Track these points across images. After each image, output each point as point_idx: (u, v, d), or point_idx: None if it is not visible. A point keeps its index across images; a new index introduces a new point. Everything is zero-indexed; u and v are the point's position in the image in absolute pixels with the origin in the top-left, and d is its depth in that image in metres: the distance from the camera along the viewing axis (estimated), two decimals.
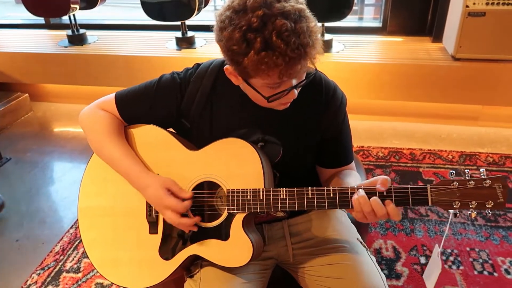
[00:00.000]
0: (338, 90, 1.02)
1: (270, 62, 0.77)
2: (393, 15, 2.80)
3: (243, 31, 0.77)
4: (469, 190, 0.83)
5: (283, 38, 0.76)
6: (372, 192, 0.85)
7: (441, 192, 0.83)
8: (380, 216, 0.83)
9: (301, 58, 0.78)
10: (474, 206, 0.83)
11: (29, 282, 1.63)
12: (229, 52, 0.81)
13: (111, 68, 2.80)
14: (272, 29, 0.76)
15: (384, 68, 2.47)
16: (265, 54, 0.76)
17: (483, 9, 2.21)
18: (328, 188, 0.87)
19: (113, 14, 4.92)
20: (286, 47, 0.76)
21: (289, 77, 0.82)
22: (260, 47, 0.76)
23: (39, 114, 3.02)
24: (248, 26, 0.77)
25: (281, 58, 0.76)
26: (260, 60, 0.77)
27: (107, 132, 1.01)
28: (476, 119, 2.57)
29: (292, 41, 0.76)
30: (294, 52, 0.77)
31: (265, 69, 0.78)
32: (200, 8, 2.64)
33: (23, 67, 2.95)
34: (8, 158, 2.46)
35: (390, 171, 2.18)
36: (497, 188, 0.81)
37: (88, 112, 1.05)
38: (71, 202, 2.09)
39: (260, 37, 0.76)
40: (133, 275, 0.99)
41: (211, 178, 0.96)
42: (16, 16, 4.20)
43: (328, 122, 1.00)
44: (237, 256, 0.91)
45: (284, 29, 0.76)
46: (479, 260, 1.62)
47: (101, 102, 1.05)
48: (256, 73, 0.81)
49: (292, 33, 0.76)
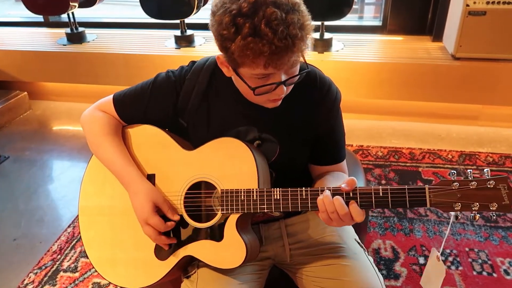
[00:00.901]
0: (333, 86, 1.00)
1: (255, 49, 0.76)
2: (393, 14, 2.78)
3: (233, 15, 0.77)
4: (471, 191, 0.78)
5: (271, 26, 0.75)
6: (339, 193, 0.84)
7: (441, 193, 0.79)
8: (342, 215, 0.82)
9: (288, 49, 0.77)
10: (476, 208, 0.78)
11: (26, 281, 1.63)
12: (219, 37, 0.80)
13: (110, 66, 2.79)
14: (262, 16, 0.75)
15: (384, 67, 2.46)
16: (251, 39, 0.76)
17: (484, 8, 2.20)
18: (322, 188, 0.86)
19: (112, 13, 4.91)
20: (274, 36, 0.75)
21: (275, 67, 0.80)
22: (248, 32, 0.76)
23: (38, 112, 3.02)
24: (238, 10, 0.76)
25: (267, 46, 0.76)
26: (246, 45, 0.76)
27: (104, 133, 1.01)
28: (476, 118, 2.56)
29: (280, 30, 0.75)
30: (281, 42, 0.76)
31: (250, 55, 0.77)
32: (200, 6, 2.63)
33: (22, 65, 2.94)
34: (6, 156, 2.46)
35: (389, 170, 2.17)
36: (502, 189, 0.76)
37: (87, 114, 1.06)
38: (69, 201, 2.08)
39: (249, 22, 0.76)
40: (129, 275, 0.99)
41: (206, 178, 0.95)
42: (15, 14, 4.19)
43: (322, 117, 0.98)
44: (231, 258, 0.91)
45: (274, 17, 0.75)
46: (478, 260, 1.61)
47: (100, 103, 1.06)
48: (242, 60, 0.80)
49: (281, 22, 0.76)
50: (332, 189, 0.85)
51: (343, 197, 0.83)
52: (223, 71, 0.92)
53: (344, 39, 2.78)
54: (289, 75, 0.85)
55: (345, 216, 0.82)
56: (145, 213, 0.93)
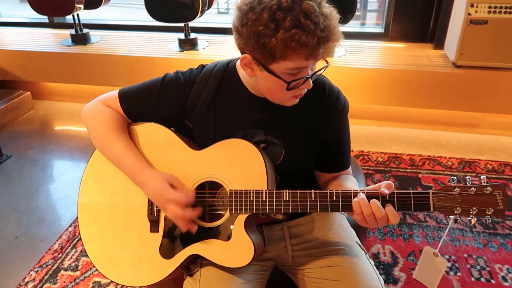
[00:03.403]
0: (341, 96, 1.03)
1: (301, 40, 0.79)
2: (395, 21, 2.81)
3: (273, 10, 0.79)
4: (470, 196, 0.83)
5: (311, 19, 0.79)
6: (375, 196, 0.86)
7: (443, 198, 0.84)
8: (378, 218, 0.84)
9: (328, 39, 0.81)
10: (474, 212, 0.83)
11: (27, 279, 1.63)
12: (255, 35, 0.82)
13: (113, 68, 2.81)
14: (300, 10, 0.79)
15: (386, 73, 2.48)
16: (295, 31, 0.79)
17: (485, 17, 2.23)
18: (331, 191, 0.88)
19: (117, 15, 4.94)
20: (315, 27, 0.79)
21: (315, 58, 0.84)
22: (290, 25, 0.79)
23: (40, 113, 3.03)
24: (278, 6, 0.79)
25: (310, 37, 0.79)
26: (291, 37, 0.79)
27: (111, 128, 1.01)
28: (476, 126, 2.57)
29: (321, 22, 0.80)
30: (323, 32, 0.80)
31: (295, 47, 0.80)
32: (204, 10, 2.66)
33: (26, 65, 2.96)
34: (9, 155, 2.47)
35: (389, 176, 2.18)
36: (498, 196, 0.82)
37: (91, 108, 1.05)
38: (70, 201, 2.09)
39: (290, 16, 0.79)
40: (132, 273, 0.99)
41: (214, 178, 0.96)
42: (20, 14, 4.21)
43: (329, 126, 1.00)
44: (239, 257, 0.92)
45: (312, 10, 0.79)
46: (477, 267, 1.62)
47: (105, 98, 1.05)
48: (283, 53, 0.82)
49: (319, 15, 0.80)
50: (366, 191, 0.87)
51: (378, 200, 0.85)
52: (246, 72, 0.92)
53: (346, 45, 2.80)
54: (313, 71, 0.89)
55: (382, 219, 0.84)
56: (164, 192, 0.93)
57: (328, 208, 0.89)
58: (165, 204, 0.93)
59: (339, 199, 0.88)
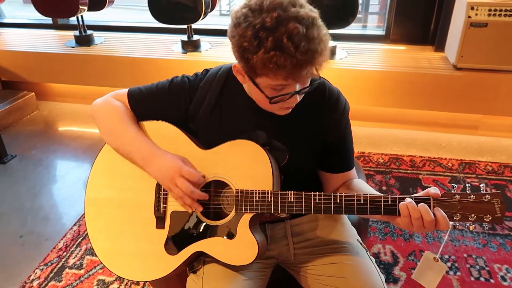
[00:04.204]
0: (341, 97, 1.04)
1: (278, 62, 0.79)
2: (397, 24, 2.84)
3: (256, 29, 0.80)
4: (470, 203, 0.87)
5: (293, 41, 0.78)
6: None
7: (443, 204, 0.87)
8: (427, 221, 0.84)
9: (308, 63, 0.81)
10: (473, 219, 0.87)
11: (32, 277, 1.66)
12: (240, 49, 0.84)
13: (117, 69, 2.84)
14: (284, 31, 0.79)
15: (387, 75, 2.50)
16: (274, 53, 0.79)
17: (485, 20, 2.25)
18: (335, 194, 0.91)
19: (120, 16, 4.96)
20: (295, 50, 0.78)
21: (294, 80, 0.84)
22: (271, 46, 0.79)
23: (44, 113, 3.06)
24: (262, 25, 0.79)
25: (289, 60, 0.79)
26: (269, 58, 0.80)
27: (122, 116, 1.03)
28: (476, 128, 2.59)
29: (302, 45, 0.79)
30: (303, 56, 0.79)
31: (272, 68, 0.81)
32: (207, 12, 2.68)
33: (30, 66, 2.99)
34: (13, 155, 2.50)
35: (390, 177, 2.20)
36: (496, 204, 0.86)
37: (103, 100, 1.08)
38: (74, 200, 2.11)
39: (271, 36, 0.79)
40: (137, 268, 1.02)
41: (221, 178, 0.98)
42: (23, 15, 4.25)
43: (330, 128, 1.02)
44: (242, 255, 0.94)
45: (296, 32, 0.78)
46: (476, 266, 1.64)
47: (115, 94, 1.08)
48: (263, 72, 0.83)
49: (303, 37, 0.79)
50: (414, 197, 0.88)
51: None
52: (238, 78, 0.95)
53: (348, 47, 2.83)
54: (302, 85, 0.89)
55: (429, 223, 0.85)
56: (178, 165, 0.94)
57: (332, 210, 0.91)
58: (176, 177, 0.94)
59: (342, 202, 0.90)
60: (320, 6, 0.89)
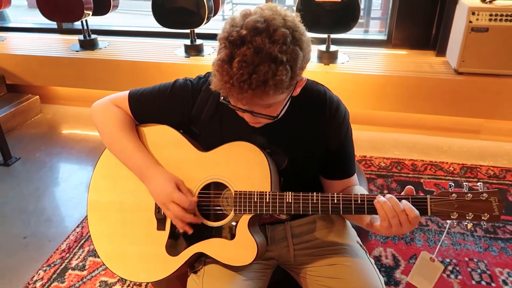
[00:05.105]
0: (341, 106, 1.04)
1: (222, 73, 0.80)
2: (398, 29, 2.85)
3: (225, 37, 0.81)
4: (467, 202, 0.86)
5: (240, 66, 0.78)
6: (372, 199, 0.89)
7: (440, 203, 0.87)
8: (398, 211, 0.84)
9: (242, 92, 0.80)
10: (470, 217, 0.86)
11: (35, 278, 1.67)
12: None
13: (120, 73, 2.87)
14: (240, 52, 0.78)
15: (388, 80, 2.52)
16: (221, 64, 0.80)
17: (486, 25, 2.26)
18: (332, 195, 0.92)
19: (124, 21, 5.01)
20: (236, 73, 0.78)
21: (237, 100, 0.83)
22: (222, 57, 0.80)
23: (48, 116, 3.09)
24: (228, 35, 0.80)
25: (227, 77, 0.79)
26: (217, 66, 0.81)
27: (120, 126, 1.04)
28: (477, 132, 2.60)
29: (242, 72, 0.78)
30: (238, 83, 0.79)
31: (217, 76, 0.82)
32: (210, 17, 2.71)
33: (35, 70, 3.02)
34: (17, 157, 2.52)
35: (391, 181, 2.21)
36: (493, 202, 0.85)
37: (101, 106, 1.09)
38: (77, 203, 2.13)
39: (229, 50, 0.80)
40: (139, 269, 1.03)
41: (219, 179, 0.99)
42: (28, 20, 4.30)
43: (331, 136, 1.02)
44: (242, 256, 0.95)
45: (245, 59, 0.78)
46: (477, 270, 1.64)
47: (115, 98, 1.09)
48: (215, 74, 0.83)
49: (250, 66, 0.78)
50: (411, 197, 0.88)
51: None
52: None
53: (350, 51, 2.84)
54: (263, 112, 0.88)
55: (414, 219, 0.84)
56: (169, 190, 0.96)
57: (330, 210, 0.92)
58: (168, 202, 0.96)
59: (340, 202, 0.91)
60: (322, 11, 0.89)
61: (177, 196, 0.95)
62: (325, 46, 2.68)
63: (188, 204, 0.95)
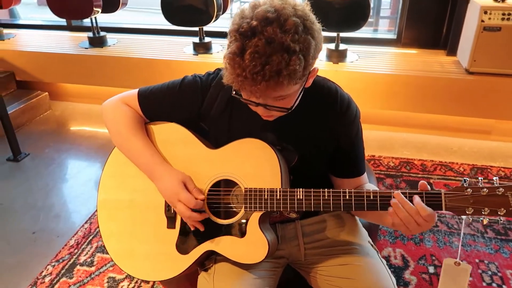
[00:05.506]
0: (352, 104, 1.03)
1: (234, 66, 0.79)
2: (408, 28, 2.83)
3: (235, 29, 0.80)
4: (482, 197, 0.84)
5: (253, 57, 0.77)
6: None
7: (455, 198, 0.85)
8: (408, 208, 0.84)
9: (256, 84, 0.78)
10: (486, 213, 0.84)
11: (44, 273, 1.68)
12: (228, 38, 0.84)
13: (129, 70, 2.87)
14: (251, 44, 0.77)
15: (398, 79, 2.49)
16: (233, 57, 0.79)
17: (499, 24, 2.23)
18: (344, 190, 0.90)
19: (133, 19, 5.02)
20: (248, 65, 0.77)
21: (250, 92, 0.82)
22: (234, 50, 0.79)
23: (57, 113, 3.10)
24: (238, 27, 0.79)
25: (240, 70, 0.78)
26: (229, 59, 0.80)
27: (129, 125, 1.04)
28: (488, 133, 2.57)
29: (257, 64, 0.77)
30: (251, 75, 0.77)
31: (229, 69, 0.81)
32: (218, 15, 2.70)
33: (44, 67, 3.04)
34: (26, 153, 2.54)
35: (400, 181, 2.19)
36: (510, 196, 0.83)
37: (111, 105, 1.09)
38: (86, 199, 2.14)
39: (239, 42, 0.78)
40: (149, 268, 1.03)
41: (230, 177, 0.99)
42: (37, 17, 4.32)
43: (341, 133, 1.01)
44: (253, 253, 0.94)
45: (257, 50, 0.77)
46: (488, 272, 1.62)
47: (125, 96, 1.09)
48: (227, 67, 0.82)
49: (263, 57, 0.77)
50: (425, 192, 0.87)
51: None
52: None
53: (359, 50, 2.82)
54: (276, 104, 0.86)
55: (411, 209, 0.84)
56: (176, 190, 0.95)
57: (341, 207, 0.91)
58: (175, 202, 0.96)
59: (352, 198, 0.90)
60: (331, 9, 0.88)
61: (183, 196, 0.95)
62: (334, 45, 2.67)
63: (194, 204, 0.95)
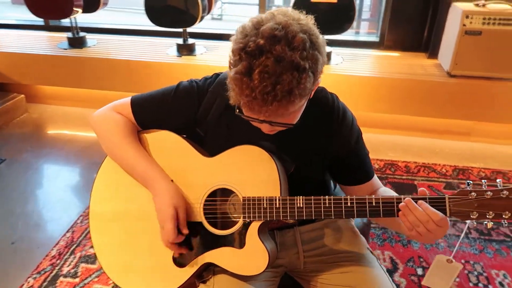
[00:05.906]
0: (347, 112, 1.02)
1: (241, 87, 0.77)
2: (391, 31, 2.87)
3: (240, 48, 0.78)
4: (487, 200, 0.83)
5: (262, 77, 0.75)
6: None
7: (459, 203, 0.84)
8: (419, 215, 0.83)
9: (266, 104, 0.77)
10: (491, 216, 0.83)
11: (25, 286, 1.60)
12: (229, 58, 0.82)
13: (110, 72, 2.80)
14: (259, 63, 0.75)
15: (382, 82, 2.53)
16: (240, 77, 0.76)
17: (480, 28, 2.29)
18: (345, 197, 0.89)
19: (114, 19, 4.91)
20: (258, 85, 0.75)
21: (259, 112, 0.80)
22: (241, 70, 0.76)
23: (34, 116, 2.99)
24: (245, 46, 0.77)
25: (249, 90, 0.76)
26: (236, 80, 0.77)
27: (121, 133, 1.00)
28: (468, 134, 2.63)
29: (267, 84, 0.75)
30: (261, 95, 0.76)
31: (236, 90, 0.79)
32: (203, 16, 2.67)
33: (20, 68, 2.92)
34: (2, 159, 2.43)
35: (385, 182, 2.21)
36: None
37: (102, 114, 1.05)
38: (66, 205, 2.06)
39: (246, 62, 0.76)
40: (145, 281, 0.99)
41: (227, 186, 0.96)
42: (12, 16, 4.16)
43: (341, 143, 1.00)
44: (253, 264, 0.92)
45: (266, 69, 0.75)
46: (474, 272, 1.65)
47: (116, 105, 1.05)
48: (233, 88, 0.80)
49: (272, 77, 0.75)
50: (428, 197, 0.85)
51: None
52: None
53: (343, 53, 2.85)
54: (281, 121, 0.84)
55: (440, 222, 0.82)
56: (165, 216, 0.93)
57: (343, 214, 0.89)
58: (162, 225, 0.94)
59: (353, 205, 0.88)
60: (318, 11, 0.86)
61: (167, 227, 0.92)
62: None
63: (172, 240, 0.93)
